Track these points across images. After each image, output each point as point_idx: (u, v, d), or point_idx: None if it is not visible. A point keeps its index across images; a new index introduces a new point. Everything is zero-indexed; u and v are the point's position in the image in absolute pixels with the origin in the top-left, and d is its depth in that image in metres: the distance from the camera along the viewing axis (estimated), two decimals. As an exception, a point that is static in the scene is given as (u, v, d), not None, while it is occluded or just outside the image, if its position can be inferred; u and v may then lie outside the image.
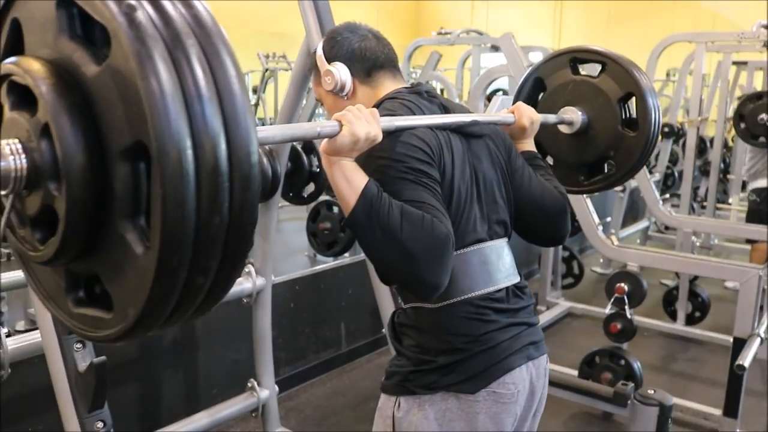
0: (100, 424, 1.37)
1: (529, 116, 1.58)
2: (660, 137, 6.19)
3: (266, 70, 9.06)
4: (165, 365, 3.00)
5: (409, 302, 1.37)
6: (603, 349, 3.31)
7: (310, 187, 2.72)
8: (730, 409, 3.15)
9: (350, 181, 1.14)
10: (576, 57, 1.89)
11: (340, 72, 1.38)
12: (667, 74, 8.49)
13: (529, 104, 1.92)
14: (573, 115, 1.82)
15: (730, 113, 6.05)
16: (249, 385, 2.76)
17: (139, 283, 0.62)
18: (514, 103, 1.80)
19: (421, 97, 1.39)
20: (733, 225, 4.97)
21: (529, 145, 1.63)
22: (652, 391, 1.75)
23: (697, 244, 4.77)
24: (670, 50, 4.86)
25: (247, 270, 2.67)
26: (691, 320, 4.48)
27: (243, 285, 2.64)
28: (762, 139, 4.86)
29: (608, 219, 3.30)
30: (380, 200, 1.13)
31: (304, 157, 2.64)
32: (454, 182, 1.29)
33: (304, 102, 3.65)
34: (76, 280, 0.72)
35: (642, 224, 6.31)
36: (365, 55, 1.40)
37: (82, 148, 0.62)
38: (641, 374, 3.23)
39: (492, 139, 1.46)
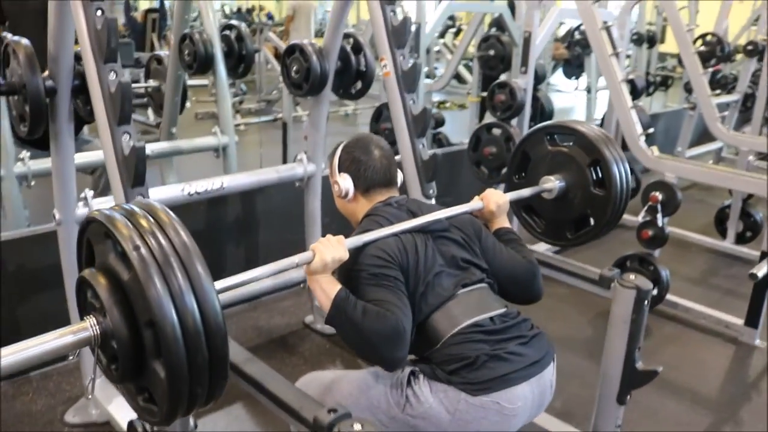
0: (140, 197, 1.80)
1: (496, 201, 1.90)
2: (745, 56, 5.88)
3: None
4: (228, 239, 3.39)
5: (411, 353, 1.61)
6: (634, 254, 3.43)
7: (358, 85, 2.90)
8: (751, 319, 3.29)
9: (325, 291, 1.51)
10: (550, 132, 2.13)
11: (346, 183, 1.80)
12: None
13: (520, 173, 2.21)
14: (550, 185, 2.06)
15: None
16: (299, 258, 3.10)
17: (164, 394, 1.06)
18: (507, 179, 2.19)
19: (392, 207, 1.76)
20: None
21: (501, 222, 1.94)
22: (633, 277, 1.94)
23: (755, 164, 4.70)
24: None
25: (299, 157, 2.96)
26: (741, 239, 4.52)
27: (295, 170, 2.94)
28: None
29: (651, 130, 3.33)
30: (347, 303, 1.49)
31: (353, 57, 2.83)
32: (418, 273, 1.60)
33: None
34: (137, 388, 1.16)
35: (714, 145, 6.20)
36: (368, 177, 1.80)
37: (125, 323, 1.06)
38: (668, 280, 3.36)
39: (458, 227, 1.77)
